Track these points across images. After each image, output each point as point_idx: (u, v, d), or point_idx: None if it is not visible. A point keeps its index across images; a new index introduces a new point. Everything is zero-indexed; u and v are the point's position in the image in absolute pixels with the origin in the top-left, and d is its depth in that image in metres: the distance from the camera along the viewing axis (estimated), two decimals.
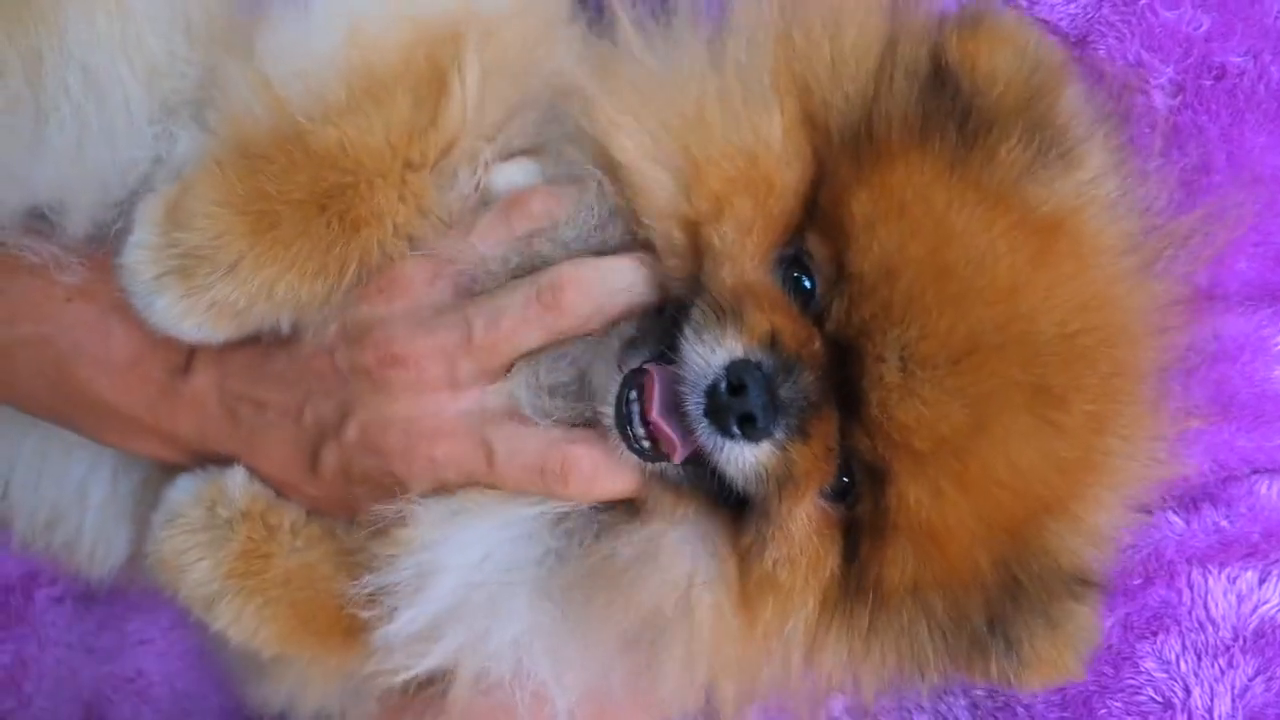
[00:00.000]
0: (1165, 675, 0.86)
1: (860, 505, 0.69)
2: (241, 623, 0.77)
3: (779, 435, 0.66)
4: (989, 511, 0.67)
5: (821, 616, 0.71)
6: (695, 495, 0.71)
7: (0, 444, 0.87)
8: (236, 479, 0.78)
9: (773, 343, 0.66)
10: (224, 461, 0.79)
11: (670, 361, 0.68)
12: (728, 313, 0.66)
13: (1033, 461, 0.66)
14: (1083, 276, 0.68)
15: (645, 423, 0.68)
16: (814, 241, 0.69)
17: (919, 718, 0.93)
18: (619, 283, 0.71)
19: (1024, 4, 0.86)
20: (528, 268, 0.73)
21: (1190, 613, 0.87)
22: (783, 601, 0.69)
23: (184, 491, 0.78)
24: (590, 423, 0.72)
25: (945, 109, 0.68)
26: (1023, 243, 0.66)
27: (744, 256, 0.68)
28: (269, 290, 0.71)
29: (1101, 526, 0.73)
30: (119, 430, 0.79)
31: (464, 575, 0.71)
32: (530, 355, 0.73)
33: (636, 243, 0.72)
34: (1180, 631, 0.87)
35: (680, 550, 0.70)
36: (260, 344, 0.76)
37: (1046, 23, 0.86)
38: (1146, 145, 0.84)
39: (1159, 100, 0.86)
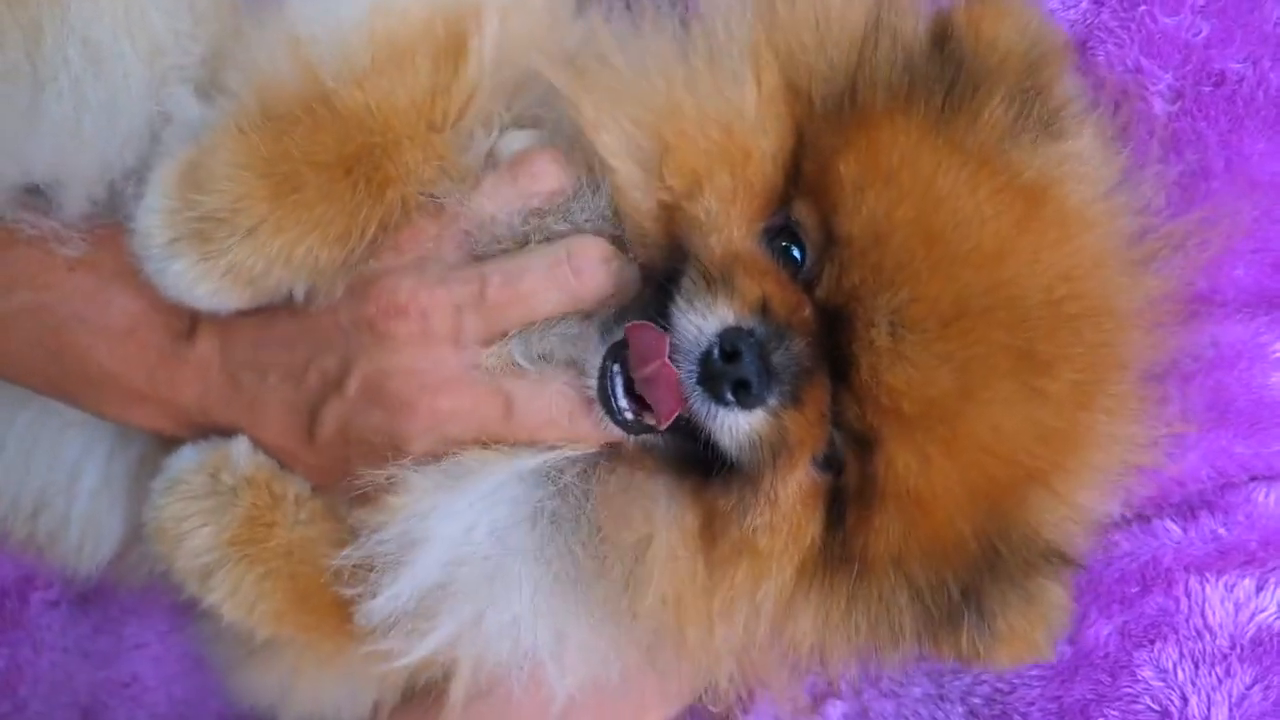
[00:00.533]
0: (1162, 684, 0.86)
1: (846, 474, 0.69)
2: (239, 595, 0.76)
3: (772, 402, 0.66)
4: (974, 478, 0.67)
5: (798, 585, 0.71)
6: (673, 461, 0.71)
7: None
8: (241, 447, 0.77)
9: (764, 309, 0.66)
10: (225, 433, 0.78)
11: (663, 329, 0.68)
12: (718, 281, 0.67)
13: (1018, 428, 0.66)
14: (1067, 245, 0.68)
15: (630, 394, 0.68)
16: (801, 209, 0.69)
17: None
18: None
19: None
20: (538, 241, 0.73)
21: (1188, 621, 0.87)
22: (758, 567, 0.69)
23: (186, 459, 0.77)
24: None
25: (933, 73, 0.69)
26: (1008, 206, 0.67)
27: (730, 227, 0.69)
28: (288, 254, 0.71)
29: (1082, 503, 0.73)
30: (118, 400, 0.78)
31: (452, 546, 0.71)
32: (527, 326, 0.73)
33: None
34: (1178, 640, 0.86)
35: (649, 493, 0.71)
36: (265, 309, 0.76)
37: None
38: (1145, 151, 0.84)
39: (1158, 106, 0.86)
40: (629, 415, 0.69)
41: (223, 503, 0.76)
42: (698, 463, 0.70)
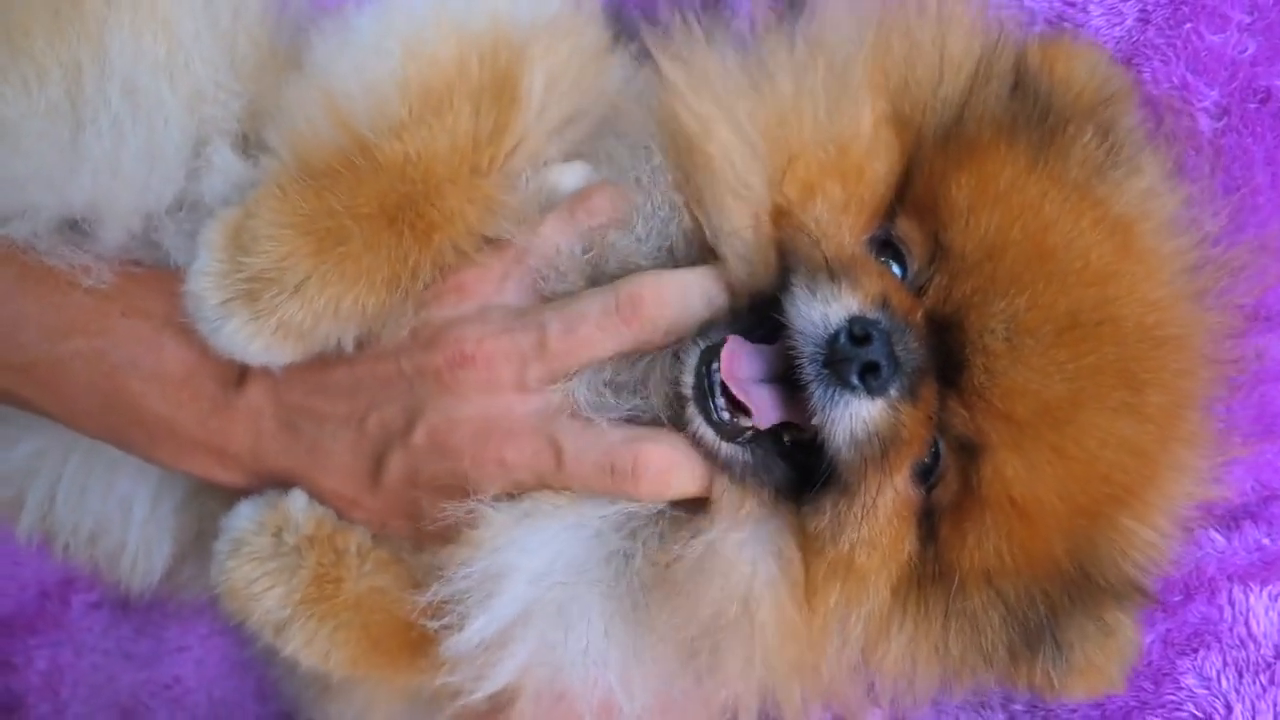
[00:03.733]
0: (1206, 692, 0.86)
1: (940, 488, 0.70)
2: (314, 647, 0.77)
3: (893, 393, 0.67)
4: (1075, 491, 0.68)
5: (893, 605, 0.71)
6: (761, 488, 0.71)
7: (46, 460, 0.88)
8: (298, 503, 0.78)
9: (885, 305, 0.67)
10: (278, 480, 0.79)
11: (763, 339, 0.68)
12: (840, 274, 0.68)
13: (1120, 440, 0.69)
14: (1154, 278, 0.71)
15: (726, 394, 0.68)
16: (905, 226, 0.72)
17: None
18: (697, 295, 0.72)
19: (1069, 27, 0.87)
20: (598, 280, 0.74)
21: (1231, 630, 0.88)
22: (853, 588, 0.70)
23: (246, 519, 0.78)
24: (655, 421, 0.72)
25: (1028, 110, 0.72)
26: (1107, 235, 0.70)
27: (841, 234, 0.71)
28: (336, 306, 0.72)
29: (1160, 535, 0.75)
30: (171, 447, 0.79)
31: (533, 578, 0.72)
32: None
33: (706, 255, 0.73)
34: (1221, 648, 0.87)
35: (741, 554, 0.71)
36: (318, 357, 0.76)
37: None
38: (1191, 168, 0.85)
39: (1204, 123, 0.87)
40: (725, 415, 0.69)
41: (289, 564, 0.77)
42: (789, 492, 0.70)
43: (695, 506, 0.73)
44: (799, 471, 0.70)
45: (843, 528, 0.69)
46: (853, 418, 0.67)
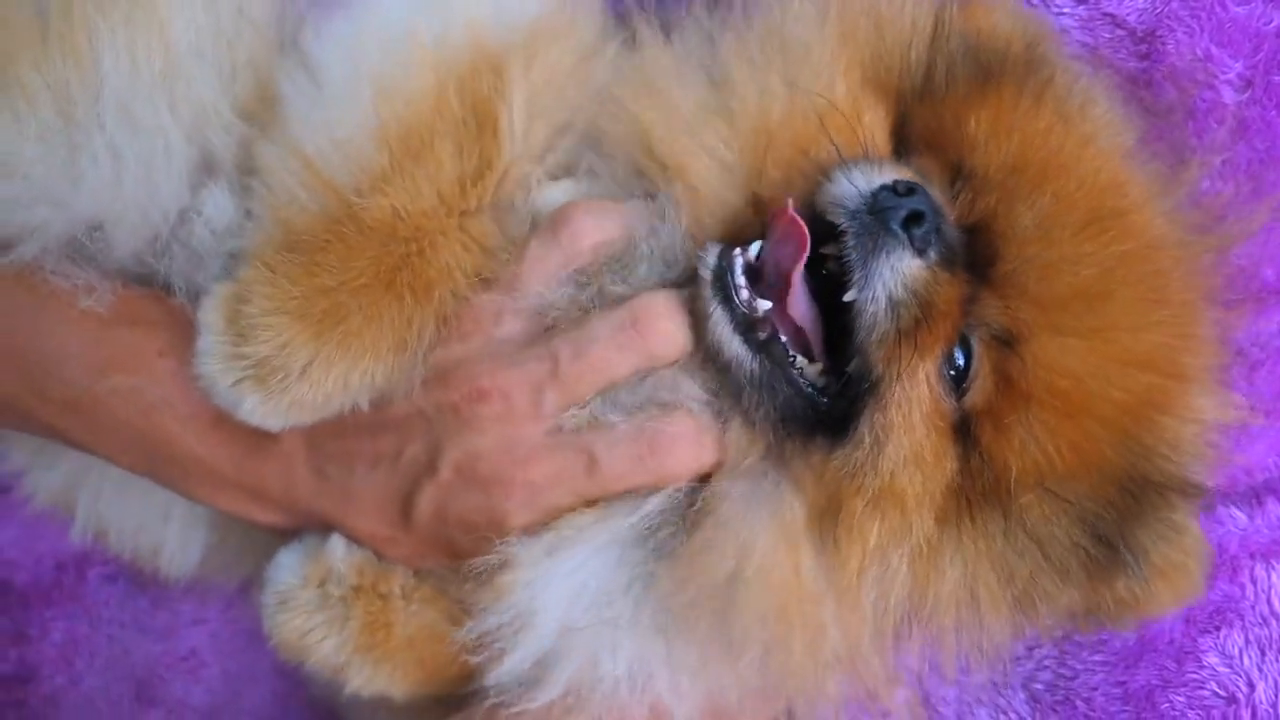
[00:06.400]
0: (1229, 670, 0.86)
1: (974, 392, 0.69)
2: (374, 685, 0.78)
3: (933, 255, 0.67)
4: (1116, 376, 0.68)
5: (941, 534, 0.69)
6: (764, 416, 0.70)
7: (89, 475, 0.88)
8: (338, 551, 0.78)
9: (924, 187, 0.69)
10: (314, 522, 0.79)
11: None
12: (875, 164, 0.69)
13: (1151, 324, 0.69)
14: (1150, 195, 0.75)
15: (748, 276, 0.68)
16: (918, 163, 0.73)
17: (979, 712, 0.93)
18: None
19: None
20: (602, 303, 0.73)
21: (1254, 608, 0.87)
22: (895, 520, 0.68)
23: (288, 571, 0.78)
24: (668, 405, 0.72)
25: (984, 62, 0.76)
26: (1108, 157, 0.74)
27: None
28: (344, 382, 0.71)
29: (1200, 434, 0.73)
30: (208, 486, 0.79)
31: (564, 611, 0.71)
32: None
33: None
34: (1243, 626, 0.87)
35: (748, 506, 0.70)
36: None
37: (1114, 17, 0.87)
38: (1213, 140, 0.84)
39: (1227, 95, 0.86)
40: (745, 294, 0.68)
41: (337, 615, 0.77)
42: (801, 423, 0.69)
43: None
44: (806, 409, 0.69)
45: (880, 449, 0.67)
46: (893, 271, 0.66)
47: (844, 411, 0.69)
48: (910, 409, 0.68)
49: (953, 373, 0.69)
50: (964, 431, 0.69)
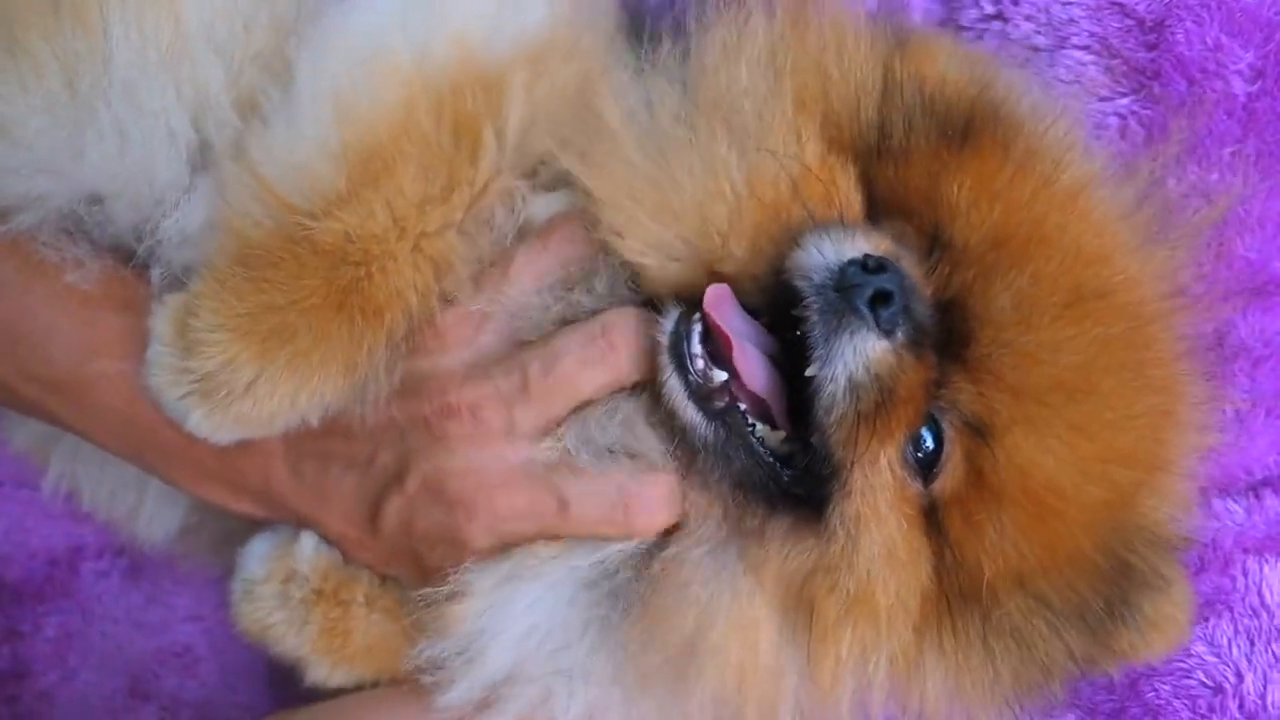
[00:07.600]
0: (1216, 659, 0.87)
1: (944, 478, 0.67)
2: (333, 681, 0.81)
3: (900, 336, 0.64)
4: (1097, 474, 0.66)
5: (919, 642, 0.68)
6: (720, 482, 0.68)
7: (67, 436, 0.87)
8: (305, 551, 0.79)
9: (897, 260, 0.66)
10: (290, 516, 0.79)
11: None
12: (848, 232, 0.66)
13: (1136, 413, 0.67)
14: (1132, 254, 0.72)
15: (705, 347, 0.66)
16: (897, 228, 0.69)
17: None
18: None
19: None
20: (570, 319, 0.72)
21: (1244, 599, 0.87)
22: (869, 628, 0.67)
23: (256, 561, 0.80)
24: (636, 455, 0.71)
25: (940, 116, 0.72)
26: (1091, 218, 0.70)
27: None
28: (290, 401, 0.71)
29: (1184, 491, 0.74)
30: (190, 475, 0.79)
31: (516, 647, 0.71)
32: (579, 410, 0.71)
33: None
34: (1233, 617, 0.87)
35: (711, 575, 0.69)
36: None
37: (1123, 6, 0.85)
38: (1223, 131, 0.83)
39: (1237, 86, 0.84)
40: (701, 364, 0.66)
41: (296, 616, 0.79)
42: (763, 493, 0.68)
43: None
44: (767, 480, 0.67)
45: (856, 540, 0.65)
46: (855, 352, 0.63)
47: (810, 490, 0.67)
48: (874, 496, 0.66)
49: (919, 455, 0.67)
50: (934, 521, 0.67)
